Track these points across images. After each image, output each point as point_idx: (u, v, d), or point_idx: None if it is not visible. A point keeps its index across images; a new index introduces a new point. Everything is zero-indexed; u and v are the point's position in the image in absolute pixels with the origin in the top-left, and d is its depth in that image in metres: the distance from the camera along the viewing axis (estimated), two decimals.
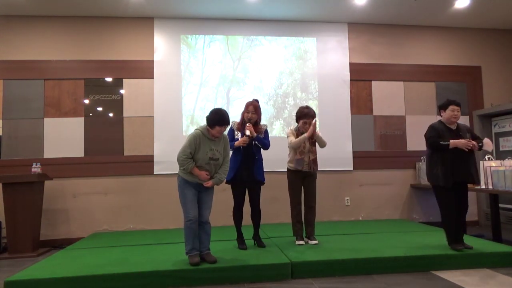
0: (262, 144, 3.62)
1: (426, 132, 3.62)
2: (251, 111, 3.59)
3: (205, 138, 3.13)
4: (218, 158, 3.17)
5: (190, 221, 3.11)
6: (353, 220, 5.49)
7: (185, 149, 3.08)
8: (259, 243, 3.73)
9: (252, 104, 3.61)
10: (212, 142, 3.16)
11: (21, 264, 3.86)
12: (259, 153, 3.67)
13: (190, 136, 3.12)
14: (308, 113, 3.75)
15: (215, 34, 5.48)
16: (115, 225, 5.08)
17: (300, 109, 3.85)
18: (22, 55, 5.10)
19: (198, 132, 3.13)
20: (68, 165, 5.03)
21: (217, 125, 3.08)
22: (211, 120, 3.10)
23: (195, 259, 3.09)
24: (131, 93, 5.27)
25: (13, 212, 4.24)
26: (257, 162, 3.64)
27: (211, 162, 3.14)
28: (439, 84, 5.85)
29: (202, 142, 3.11)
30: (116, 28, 5.31)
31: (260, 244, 3.71)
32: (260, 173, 3.65)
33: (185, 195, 3.14)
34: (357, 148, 5.59)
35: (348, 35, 5.71)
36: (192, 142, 3.08)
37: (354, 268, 3.21)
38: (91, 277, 2.94)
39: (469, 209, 3.61)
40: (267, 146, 3.66)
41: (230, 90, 5.44)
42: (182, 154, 3.08)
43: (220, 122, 3.09)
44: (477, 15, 5.51)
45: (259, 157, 3.67)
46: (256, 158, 3.63)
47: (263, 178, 3.67)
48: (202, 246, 3.22)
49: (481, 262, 3.35)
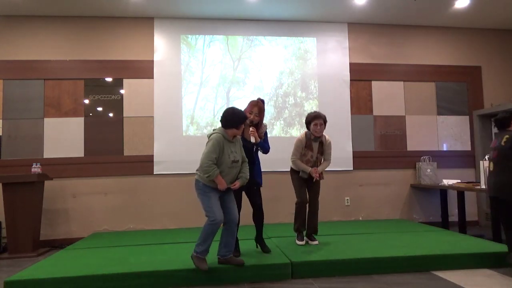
0: (263, 149, 3.46)
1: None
2: (254, 113, 3.34)
3: (226, 141, 3.00)
4: (238, 160, 3.05)
5: (217, 223, 2.90)
6: (353, 220, 5.49)
7: (209, 154, 2.89)
8: (263, 247, 3.52)
9: (257, 105, 3.36)
10: (232, 144, 3.04)
11: (21, 264, 3.86)
12: (258, 157, 3.52)
13: (213, 141, 2.92)
14: (318, 115, 3.69)
15: (215, 34, 5.48)
16: (115, 225, 5.08)
17: (308, 114, 3.78)
18: (22, 55, 5.10)
19: (219, 135, 2.96)
20: (68, 165, 5.03)
21: (240, 124, 3.01)
22: (233, 121, 2.97)
23: (204, 264, 2.93)
24: (131, 93, 5.27)
25: (13, 212, 4.25)
26: (257, 166, 3.49)
27: (233, 165, 3.01)
28: (439, 84, 5.85)
29: (224, 145, 2.97)
30: (116, 28, 5.31)
31: (264, 249, 3.49)
32: (259, 177, 3.50)
33: (210, 197, 2.95)
34: (357, 148, 5.59)
35: (348, 35, 5.72)
36: (216, 146, 2.90)
37: (354, 268, 3.21)
38: (91, 277, 2.94)
39: (469, 209, 3.59)
40: (268, 151, 3.51)
41: (230, 90, 5.44)
42: (207, 160, 2.88)
43: (243, 120, 3.02)
44: (477, 15, 5.51)
45: (258, 162, 3.52)
46: (256, 163, 3.48)
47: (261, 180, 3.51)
48: (226, 250, 3.07)
49: (481, 262, 3.35)
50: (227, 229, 3.07)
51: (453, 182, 4.94)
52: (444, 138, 5.80)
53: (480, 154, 5.61)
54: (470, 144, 5.83)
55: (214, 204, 2.95)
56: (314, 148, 3.76)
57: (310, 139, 3.75)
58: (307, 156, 3.73)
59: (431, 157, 5.58)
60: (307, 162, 3.73)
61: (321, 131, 3.71)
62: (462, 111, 5.89)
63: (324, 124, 3.72)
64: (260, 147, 3.42)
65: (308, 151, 3.74)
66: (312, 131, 3.71)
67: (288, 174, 3.96)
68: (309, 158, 3.72)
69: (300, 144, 3.76)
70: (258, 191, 3.51)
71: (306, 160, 3.73)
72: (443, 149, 5.78)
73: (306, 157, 3.73)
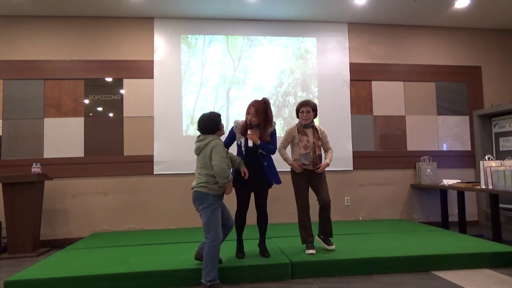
0: (267, 151, 3.30)
1: None
2: (251, 114, 3.22)
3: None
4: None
5: (220, 242, 2.90)
6: (353, 220, 5.49)
7: (223, 159, 2.90)
8: (263, 252, 3.41)
9: (254, 106, 3.24)
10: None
11: (21, 264, 3.86)
12: (267, 159, 3.34)
13: (219, 146, 2.94)
14: (305, 102, 3.63)
15: (215, 34, 5.48)
16: (115, 225, 5.08)
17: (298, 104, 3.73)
18: (22, 55, 5.10)
19: (219, 141, 3.01)
20: (68, 165, 5.03)
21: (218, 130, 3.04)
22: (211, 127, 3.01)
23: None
24: (131, 93, 5.27)
25: (13, 212, 4.25)
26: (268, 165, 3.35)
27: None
28: (439, 84, 5.85)
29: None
30: (116, 28, 5.31)
31: (263, 254, 3.39)
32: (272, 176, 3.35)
33: (217, 215, 2.91)
34: (357, 148, 5.59)
35: (348, 35, 5.72)
36: (224, 152, 2.96)
37: (354, 268, 3.22)
38: (91, 277, 2.94)
39: (469, 209, 3.60)
40: (273, 151, 3.36)
41: (230, 90, 5.44)
42: (224, 165, 2.87)
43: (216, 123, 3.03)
44: (477, 15, 5.51)
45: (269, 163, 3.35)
46: (265, 165, 3.32)
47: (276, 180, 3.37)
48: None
49: (481, 262, 3.35)
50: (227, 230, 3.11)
51: (453, 182, 4.95)
52: (444, 138, 5.80)
53: (480, 154, 5.61)
54: (470, 144, 5.83)
55: (219, 222, 2.91)
56: (309, 133, 3.64)
57: (301, 126, 3.66)
58: (303, 141, 3.57)
59: (431, 157, 5.58)
60: (305, 147, 3.55)
61: (308, 119, 3.61)
62: (462, 111, 5.89)
63: (313, 112, 3.63)
64: (263, 149, 3.26)
65: (303, 136, 3.61)
66: (300, 119, 3.66)
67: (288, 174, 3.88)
68: (306, 144, 3.57)
69: (289, 132, 3.66)
70: (266, 193, 3.42)
71: (304, 145, 3.56)
72: (443, 149, 5.78)
73: (303, 142, 3.57)
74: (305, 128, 3.65)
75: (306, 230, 3.54)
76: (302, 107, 3.63)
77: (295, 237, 4.11)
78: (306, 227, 3.54)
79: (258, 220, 3.44)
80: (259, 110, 3.23)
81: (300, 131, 3.63)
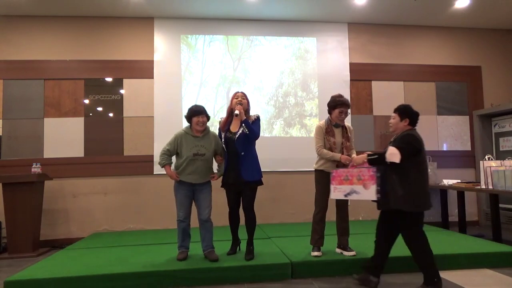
0: (250, 130, 3.17)
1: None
2: (240, 96, 3.32)
3: (188, 136, 3.33)
4: (204, 154, 3.30)
5: (178, 220, 3.38)
6: (353, 220, 5.46)
7: (165, 146, 3.37)
8: (246, 254, 3.29)
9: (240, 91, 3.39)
10: (197, 138, 3.32)
11: (21, 264, 3.86)
12: (245, 149, 3.22)
13: (172, 136, 3.37)
14: (345, 102, 3.38)
15: (215, 34, 5.48)
16: (115, 225, 5.08)
17: (332, 98, 3.45)
18: (22, 55, 5.10)
19: (181, 131, 3.37)
20: (68, 165, 5.03)
21: (193, 117, 3.29)
22: (187, 116, 3.34)
23: (180, 255, 3.32)
24: (131, 93, 5.27)
25: (13, 212, 4.24)
26: (245, 160, 3.21)
27: (197, 158, 3.28)
28: (439, 84, 5.85)
29: (185, 139, 3.32)
30: (116, 28, 5.31)
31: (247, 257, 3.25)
32: (248, 173, 3.20)
33: (176, 196, 3.38)
34: (357, 148, 5.50)
35: (348, 35, 5.71)
36: (172, 140, 3.35)
37: (354, 268, 3.21)
38: (91, 277, 2.94)
39: (469, 209, 3.59)
40: (256, 134, 3.24)
41: (230, 90, 5.43)
42: (161, 150, 3.37)
43: (194, 113, 3.29)
44: (477, 15, 5.50)
45: (247, 154, 3.21)
46: (242, 155, 3.19)
47: (251, 177, 3.22)
48: (204, 245, 3.35)
49: (481, 262, 3.36)
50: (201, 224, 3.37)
51: (453, 182, 4.94)
52: (444, 138, 5.80)
53: (480, 154, 5.61)
54: (470, 144, 5.82)
55: (179, 203, 3.35)
56: (337, 134, 3.41)
57: (330, 125, 3.42)
58: (330, 142, 3.35)
59: (431, 157, 5.56)
60: (331, 149, 3.36)
61: (344, 119, 3.45)
62: (462, 111, 5.89)
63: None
64: (246, 125, 3.18)
65: (329, 137, 3.38)
66: (335, 118, 3.40)
67: (288, 174, 3.87)
68: (332, 145, 3.35)
69: (320, 130, 3.42)
70: (249, 192, 3.27)
71: (328, 148, 3.36)
72: (443, 149, 5.78)
73: (329, 144, 3.36)
74: (335, 128, 3.44)
75: (318, 233, 3.43)
76: (341, 106, 3.37)
77: (295, 237, 4.12)
78: (319, 231, 3.43)
79: (245, 222, 3.37)
80: (246, 96, 3.41)
81: (328, 131, 3.41)
